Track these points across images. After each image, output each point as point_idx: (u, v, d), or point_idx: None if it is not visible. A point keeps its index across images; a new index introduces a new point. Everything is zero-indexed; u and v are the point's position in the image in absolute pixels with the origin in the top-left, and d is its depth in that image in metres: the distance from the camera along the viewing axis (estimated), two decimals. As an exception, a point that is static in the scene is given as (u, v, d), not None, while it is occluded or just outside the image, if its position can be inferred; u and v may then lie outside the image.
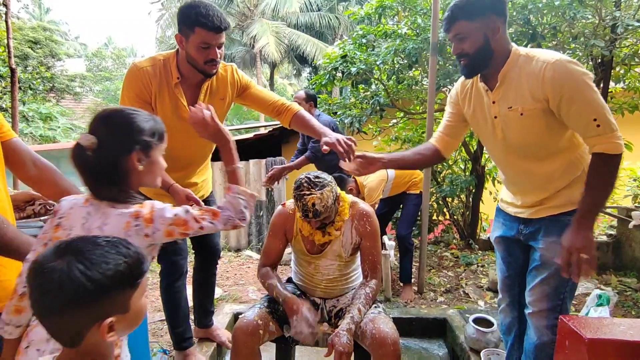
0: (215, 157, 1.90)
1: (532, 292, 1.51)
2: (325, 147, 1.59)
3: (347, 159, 1.57)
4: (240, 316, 1.66)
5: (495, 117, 1.47)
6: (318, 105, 3.99)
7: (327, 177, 1.62)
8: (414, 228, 4.28)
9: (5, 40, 5.43)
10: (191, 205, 1.57)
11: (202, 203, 1.61)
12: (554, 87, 1.30)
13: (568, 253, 1.30)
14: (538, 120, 1.38)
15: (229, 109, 1.95)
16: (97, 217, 1.02)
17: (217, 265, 2.23)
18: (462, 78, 1.61)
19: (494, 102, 1.45)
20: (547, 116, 1.37)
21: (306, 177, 1.59)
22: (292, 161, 3.39)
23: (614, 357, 1.24)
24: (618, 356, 1.23)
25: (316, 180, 1.57)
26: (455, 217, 4.25)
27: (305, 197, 1.53)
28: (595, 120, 1.28)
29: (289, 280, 1.94)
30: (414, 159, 1.73)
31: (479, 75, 1.48)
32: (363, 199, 3.08)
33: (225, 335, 2.27)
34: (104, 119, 1.05)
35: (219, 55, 1.59)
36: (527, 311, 1.55)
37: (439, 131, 1.74)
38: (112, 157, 1.01)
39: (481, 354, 2.03)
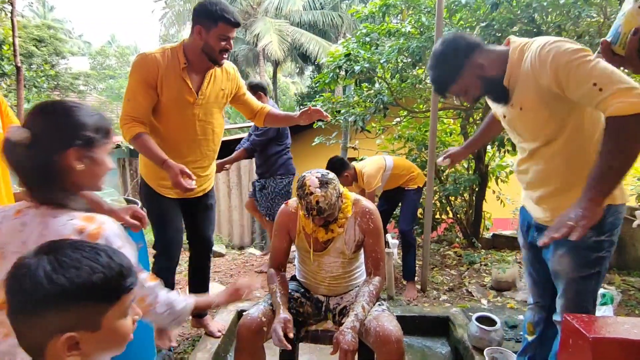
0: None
1: (558, 301, 1.48)
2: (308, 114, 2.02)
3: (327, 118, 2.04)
4: (244, 313, 1.67)
5: (504, 117, 1.48)
6: (322, 104, 4.01)
7: (330, 175, 1.61)
8: (416, 226, 4.28)
9: (11, 39, 5.46)
10: (184, 179, 1.62)
11: (194, 177, 1.67)
12: (545, 71, 1.23)
13: (560, 220, 1.18)
14: (538, 112, 1.34)
15: (227, 101, 2.06)
16: (34, 226, 0.89)
17: (211, 257, 2.33)
18: None
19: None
20: (547, 107, 1.31)
21: (310, 175, 1.59)
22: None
23: (618, 356, 1.24)
24: (622, 355, 1.22)
25: (321, 178, 1.57)
26: (458, 215, 4.25)
27: (309, 195, 1.53)
28: (595, 84, 1.14)
29: (293, 278, 1.95)
30: (487, 136, 1.84)
31: None
32: (362, 190, 3.10)
33: (215, 326, 2.33)
34: (41, 111, 0.93)
35: (231, 48, 1.83)
36: (554, 318, 1.51)
37: None
38: (46, 153, 0.90)
39: (484, 352, 2.03)
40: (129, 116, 1.78)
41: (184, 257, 3.80)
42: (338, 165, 3.01)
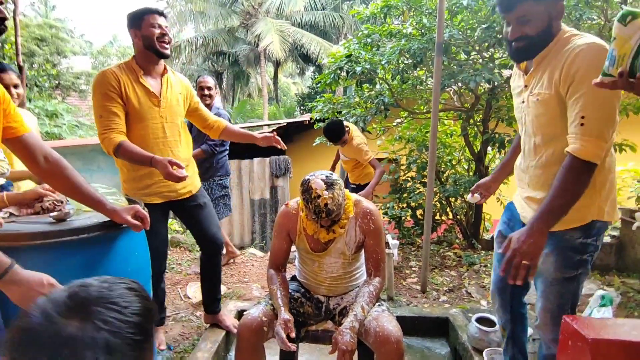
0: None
1: (537, 303, 1.49)
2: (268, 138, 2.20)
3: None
4: (244, 313, 1.67)
5: (523, 102, 1.42)
6: (323, 105, 4.02)
7: (334, 175, 1.61)
8: (417, 227, 4.29)
9: (13, 38, 5.46)
10: (174, 169, 1.63)
11: (184, 166, 1.69)
12: (569, 70, 1.21)
13: (512, 253, 1.24)
14: (550, 109, 1.31)
15: (185, 107, 2.14)
16: None
17: (221, 256, 2.35)
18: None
19: (525, 87, 1.40)
20: (559, 106, 1.28)
21: (314, 178, 1.58)
22: None
23: (617, 357, 1.24)
24: (621, 357, 1.23)
25: (326, 180, 1.57)
26: (458, 217, 4.25)
27: (317, 199, 1.53)
28: (582, 117, 1.18)
29: (293, 278, 1.95)
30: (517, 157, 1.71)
31: None
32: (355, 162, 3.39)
33: (230, 321, 2.40)
34: None
35: (167, 34, 1.93)
36: (535, 323, 1.53)
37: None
38: None
39: (484, 353, 2.04)
40: (105, 129, 1.82)
41: (185, 257, 3.81)
42: (340, 128, 3.27)
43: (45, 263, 1.23)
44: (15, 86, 2.05)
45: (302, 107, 19.35)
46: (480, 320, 2.19)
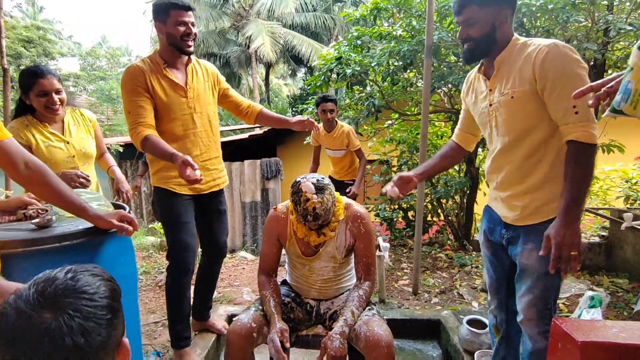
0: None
1: (520, 300, 1.51)
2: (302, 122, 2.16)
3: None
4: (234, 319, 1.65)
5: (490, 105, 1.48)
6: (314, 107, 4.01)
7: (326, 180, 1.60)
8: (408, 229, 4.29)
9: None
10: (187, 168, 1.58)
11: (196, 166, 1.60)
12: (542, 68, 1.30)
13: (558, 249, 1.27)
14: (527, 104, 1.37)
15: (214, 94, 2.12)
16: None
17: (221, 263, 2.33)
18: (470, 72, 1.64)
19: (490, 90, 1.47)
20: (535, 100, 1.36)
21: (305, 180, 1.57)
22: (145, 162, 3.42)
23: (605, 358, 1.24)
24: (609, 357, 1.23)
25: (317, 183, 1.55)
26: (449, 218, 4.27)
27: (305, 202, 1.52)
28: (574, 107, 1.27)
29: (284, 282, 1.93)
30: (443, 164, 1.83)
31: (480, 66, 1.52)
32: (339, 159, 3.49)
33: (221, 324, 2.38)
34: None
35: (192, 31, 1.88)
36: (518, 318, 1.54)
37: (457, 128, 1.78)
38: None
39: (475, 355, 2.03)
40: (134, 124, 1.81)
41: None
42: (334, 100, 3.37)
43: (28, 271, 1.19)
44: (57, 91, 1.96)
45: (293, 109, 19.32)
46: (471, 322, 2.19)
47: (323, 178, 1.61)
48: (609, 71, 3.27)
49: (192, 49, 1.91)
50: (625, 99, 0.93)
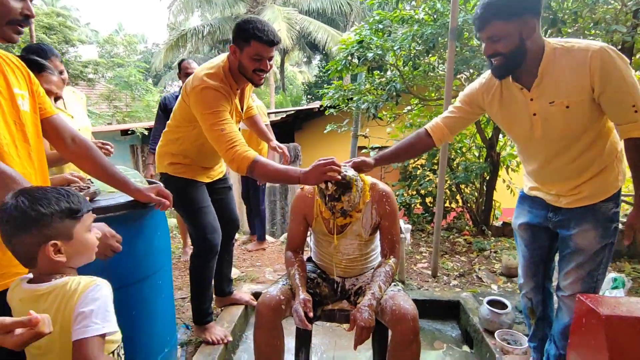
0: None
1: (567, 276, 1.57)
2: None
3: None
4: (263, 292, 1.72)
5: (535, 115, 1.47)
6: (334, 92, 4.03)
7: (351, 172, 1.60)
8: (426, 214, 4.30)
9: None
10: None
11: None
12: (602, 76, 1.33)
13: (633, 231, 1.46)
14: (584, 111, 1.40)
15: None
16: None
17: (236, 237, 2.50)
18: (486, 76, 1.60)
19: (532, 100, 1.46)
20: (592, 106, 1.39)
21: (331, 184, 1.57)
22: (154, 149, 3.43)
23: (631, 333, 1.27)
24: (634, 333, 1.26)
25: (343, 181, 1.56)
26: (468, 204, 4.27)
27: (334, 203, 1.58)
28: (634, 106, 1.33)
29: (309, 259, 2.00)
30: (408, 155, 1.88)
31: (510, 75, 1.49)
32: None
33: (247, 296, 2.51)
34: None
35: (269, 67, 1.79)
36: (560, 294, 1.61)
37: (439, 120, 1.74)
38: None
39: (495, 334, 2.08)
40: (231, 142, 1.66)
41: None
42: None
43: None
44: (61, 72, 1.96)
45: (308, 96, 19.28)
46: (491, 303, 2.22)
47: (347, 169, 1.60)
48: (637, 55, 3.20)
49: (262, 81, 1.83)
50: None
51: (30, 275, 1.00)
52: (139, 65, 15.10)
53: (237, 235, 3.01)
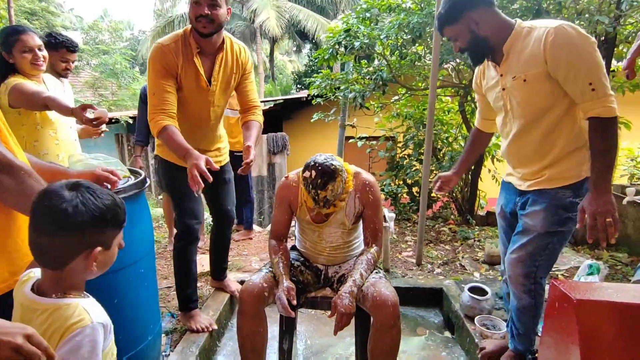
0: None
1: (509, 257, 1.63)
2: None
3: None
4: (246, 279, 1.74)
5: (503, 89, 1.56)
6: (321, 80, 4.01)
7: (335, 162, 1.61)
8: (412, 204, 4.35)
9: (2, 12, 5.34)
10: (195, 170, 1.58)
11: (214, 164, 1.64)
12: (554, 51, 1.37)
13: (592, 218, 1.36)
14: (541, 84, 1.44)
15: (235, 83, 2.06)
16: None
17: (232, 228, 2.45)
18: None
19: (501, 75, 1.55)
20: (549, 80, 1.42)
21: (317, 167, 1.57)
22: (140, 140, 3.35)
23: (601, 317, 1.31)
24: (605, 316, 1.30)
25: (327, 170, 1.56)
26: (454, 193, 4.32)
27: (317, 191, 1.57)
28: (590, 84, 1.34)
29: (293, 247, 2.01)
30: (476, 153, 2.00)
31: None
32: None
33: (235, 286, 2.54)
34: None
35: (208, 13, 1.73)
36: (504, 276, 1.68)
37: (477, 115, 1.92)
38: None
39: (475, 320, 2.13)
40: (156, 109, 1.78)
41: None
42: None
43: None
44: (40, 48, 1.94)
45: (298, 85, 19.15)
46: (472, 290, 2.27)
47: (333, 159, 1.61)
48: (620, 46, 3.25)
49: (207, 30, 1.76)
50: None
51: (38, 276, 0.93)
52: (125, 53, 14.76)
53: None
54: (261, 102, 7.22)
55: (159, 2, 16.57)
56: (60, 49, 2.26)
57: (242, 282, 2.64)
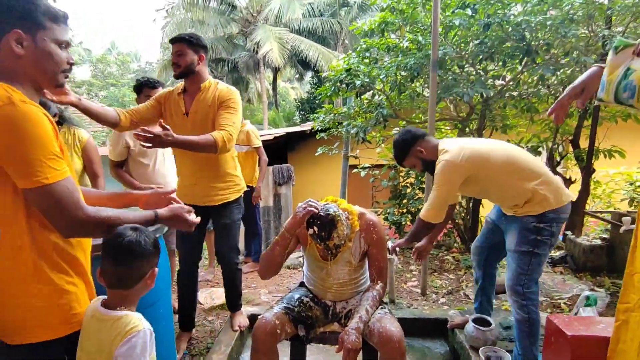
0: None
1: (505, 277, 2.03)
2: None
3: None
4: (259, 317, 1.82)
5: None
6: (325, 115, 4.18)
7: (333, 209, 1.71)
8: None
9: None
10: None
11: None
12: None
13: (417, 252, 2.32)
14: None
15: (216, 112, 2.21)
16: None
17: (234, 268, 2.51)
18: None
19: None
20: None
21: (316, 222, 1.69)
22: None
23: (593, 351, 1.40)
24: (597, 349, 1.39)
25: (326, 220, 1.68)
26: (456, 221, 4.41)
27: (326, 242, 1.71)
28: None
29: (302, 284, 2.10)
30: (444, 223, 2.25)
31: None
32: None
33: (238, 322, 2.60)
34: None
35: (175, 61, 2.16)
36: (474, 264, 2.32)
37: None
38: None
39: (479, 351, 2.18)
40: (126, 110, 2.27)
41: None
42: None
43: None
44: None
45: (301, 112, 19.54)
46: (476, 321, 2.33)
47: (329, 208, 1.71)
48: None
49: (176, 72, 2.18)
50: (602, 89, 1.07)
51: (101, 297, 1.17)
52: (133, 85, 15.27)
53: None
54: (266, 134, 7.41)
55: (166, 36, 17.15)
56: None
57: (250, 316, 2.71)
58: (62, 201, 1.01)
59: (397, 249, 2.32)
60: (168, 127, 1.82)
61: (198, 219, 1.39)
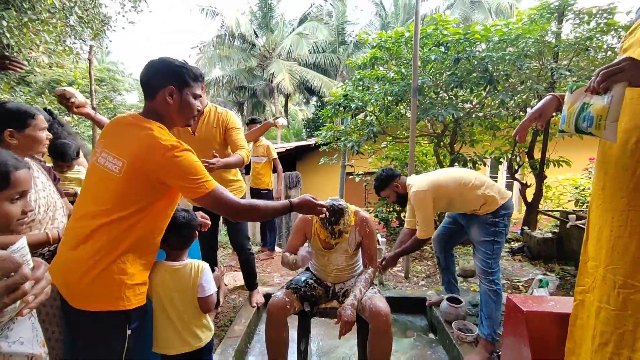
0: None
1: (474, 262, 2.08)
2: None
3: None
4: (272, 295, 1.82)
5: None
6: (327, 132, 4.19)
7: (343, 203, 1.80)
8: (401, 227, 4.41)
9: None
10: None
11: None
12: (411, 203, 2.10)
13: (386, 262, 2.16)
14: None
15: (221, 134, 2.20)
16: None
17: (249, 255, 2.50)
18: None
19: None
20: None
21: (329, 209, 1.73)
22: None
23: (545, 325, 1.39)
24: (548, 323, 1.38)
25: (337, 209, 1.77)
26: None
27: (333, 225, 1.76)
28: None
29: (307, 269, 2.10)
30: (408, 246, 2.21)
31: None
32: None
33: (255, 299, 2.59)
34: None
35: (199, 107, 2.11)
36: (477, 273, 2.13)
37: (408, 219, 2.33)
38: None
39: (452, 324, 2.17)
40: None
41: (220, 253, 3.95)
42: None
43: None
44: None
45: (307, 129, 19.56)
46: (450, 299, 2.32)
47: (339, 201, 1.80)
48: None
49: (197, 115, 2.16)
50: (563, 122, 1.06)
51: (162, 260, 1.37)
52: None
53: (253, 248, 3.00)
54: (279, 147, 7.45)
55: (201, 64, 17.28)
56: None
57: (265, 295, 2.71)
58: (221, 200, 1.17)
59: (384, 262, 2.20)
60: (217, 155, 1.91)
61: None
